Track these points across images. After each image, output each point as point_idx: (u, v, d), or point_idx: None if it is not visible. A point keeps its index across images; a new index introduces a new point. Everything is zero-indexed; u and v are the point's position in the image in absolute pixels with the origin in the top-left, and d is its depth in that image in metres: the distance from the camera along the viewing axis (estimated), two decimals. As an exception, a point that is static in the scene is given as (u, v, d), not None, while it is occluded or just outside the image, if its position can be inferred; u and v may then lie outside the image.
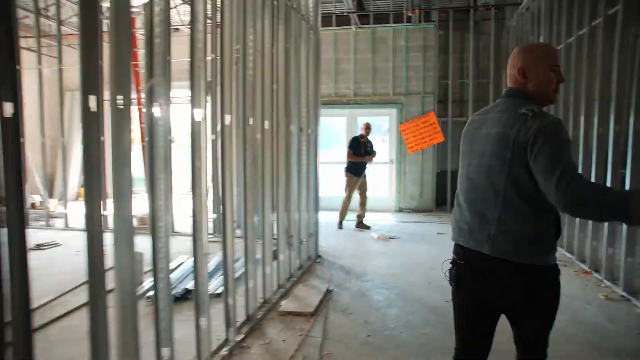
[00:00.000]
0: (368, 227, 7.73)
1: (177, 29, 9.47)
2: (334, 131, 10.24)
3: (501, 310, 1.95)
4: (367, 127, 7.85)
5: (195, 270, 2.90)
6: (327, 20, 9.96)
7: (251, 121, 3.64)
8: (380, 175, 9.97)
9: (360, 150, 7.71)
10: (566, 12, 6.10)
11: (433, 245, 6.62)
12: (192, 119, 2.80)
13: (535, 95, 1.86)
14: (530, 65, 1.84)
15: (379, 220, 8.54)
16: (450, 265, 2.05)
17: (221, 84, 3.23)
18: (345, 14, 9.74)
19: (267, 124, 4.16)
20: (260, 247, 4.14)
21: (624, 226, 4.50)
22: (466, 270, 1.96)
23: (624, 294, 4.45)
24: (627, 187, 4.51)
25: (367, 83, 9.76)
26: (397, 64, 9.64)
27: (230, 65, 3.29)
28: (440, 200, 9.83)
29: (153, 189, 2.40)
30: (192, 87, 2.79)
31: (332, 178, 8.84)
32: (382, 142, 9.99)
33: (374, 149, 7.85)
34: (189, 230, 3.03)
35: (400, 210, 9.71)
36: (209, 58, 5.90)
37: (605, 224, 4.86)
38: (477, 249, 1.89)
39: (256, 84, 3.84)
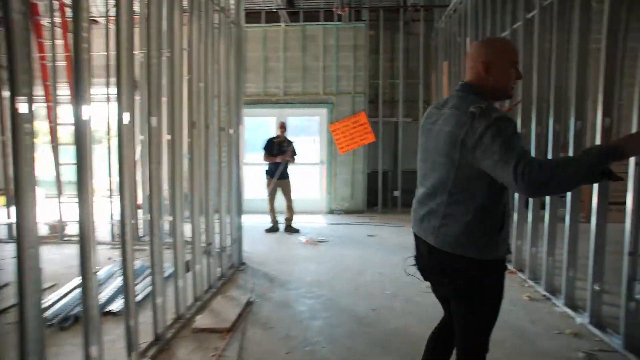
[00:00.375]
0: (297, 231, 7.49)
1: (96, 20, 8.79)
2: (265, 131, 9.91)
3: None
4: (282, 127, 7.58)
5: (83, 291, 2.52)
6: (255, 16, 9.65)
7: (155, 121, 3.28)
8: (311, 176, 9.78)
9: (273, 151, 7.44)
10: (490, 15, 6.16)
11: (362, 248, 6.48)
12: (78, 117, 2.42)
13: (494, 90, 1.89)
14: (494, 60, 1.85)
15: (309, 223, 8.33)
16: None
17: (118, 80, 2.85)
18: (275, 10, 9.45)
19: (178, 123, 3.80)
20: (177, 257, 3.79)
21: (546, 225, 4.55)
22: (420, 262, 2.09)
23: (545, 293, 4.48)
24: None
25: (297, 82, 9.52)
26: (327, 63, 9.48)
27: (130, 59, 2.92)
28: (372, 201, 9.77)
29: (19, 195, 2.00)
30: (76, 83, 2.41)
31: (263, 180, 8.51)
32: (313, 143, 9.81)
33: (295, 148, 7.56)
34: (106, 237, 2.67)
35: (332, 211, 9.55)
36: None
37: (529, 221, 4.89)
38: (425, 239, 1.98)
39: (163, 80, 3.49)
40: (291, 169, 7.63)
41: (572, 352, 3.31)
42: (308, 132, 10.10)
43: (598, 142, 3.68)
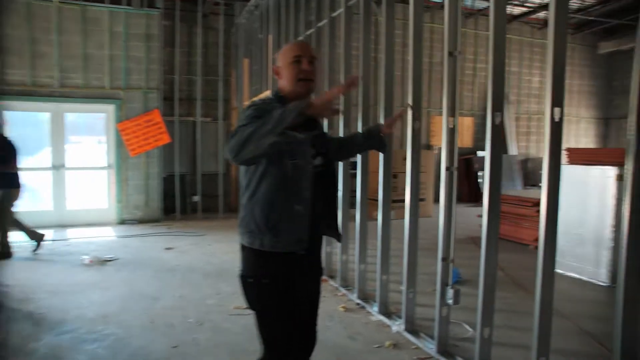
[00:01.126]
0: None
1: None
2: (37, 129, 8.21)
3: None
4: None
5: None
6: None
7: None
8: (97, 183, 8.43)
9: None
10: (293, 12, 5.94)
11: (159, 266, 5.64)
12: None
13: (288, 90, 1.95)
14: (280, 62, 1.97)
15: (95, 238, 7.11)
16: None
17: None
18: (44, -18, 7.84)
19: None
20: None
21: (357, 233, 4.44)
22: None
23: (359, 301, 4.37)
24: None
25: (78, 72, 8.03)
26: (114, 52, 8.21)
27: None
28: (169, 207, 8.87)
29: None
30: None
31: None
32: (99, 144, 8.48)
33: (11, 149, 5.67)
34: None
35: (123, 222, 8.34)
36: None
37: (338, 223, 4.73)
38: None
39: None
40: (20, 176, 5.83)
41: (394, 367, 3.16)
42: (92, 131, 8.71)
43: (409, 145, 3.65)
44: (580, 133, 14.00)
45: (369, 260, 4.46)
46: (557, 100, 2.51)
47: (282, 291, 1.90)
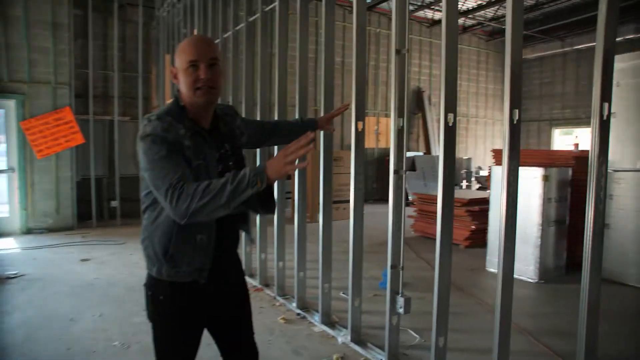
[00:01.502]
0: None
1: None
2: None
3: None
4: None
5: None
6: None
7: None
8: (-4, 188, 7.53)
9: None
10: (221, 5, 5.61)
11: (74, 280, 5.04)
12: None
13: (185, 96, 1.71)
14: (177, 65, 1.71)
15: (-5, 251, 6.32)
16: None
17: None
18: None
19: None
20: None
21: (295, 239, 4.21)
22: None
23: (299, 311, 4.14)
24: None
25: (-38, 60, 7.09)
26: (13, 40, 7.28)
27: None
28: (84, 214, 8.14)
29: None
30: None
31: None
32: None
33: None
34: None
35: (29, 231, 7.50)
36: None
37: (275, 229, 4.51)
38: None
39: None
40: None
41: (344, 383, 2.96)
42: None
43: (353, 146, 3.48)
44: (496, 134, 14.71)
45: (307, 265, 4.25)
46: (515, 102, 2.44)
47: (180, 314, 1.77)
